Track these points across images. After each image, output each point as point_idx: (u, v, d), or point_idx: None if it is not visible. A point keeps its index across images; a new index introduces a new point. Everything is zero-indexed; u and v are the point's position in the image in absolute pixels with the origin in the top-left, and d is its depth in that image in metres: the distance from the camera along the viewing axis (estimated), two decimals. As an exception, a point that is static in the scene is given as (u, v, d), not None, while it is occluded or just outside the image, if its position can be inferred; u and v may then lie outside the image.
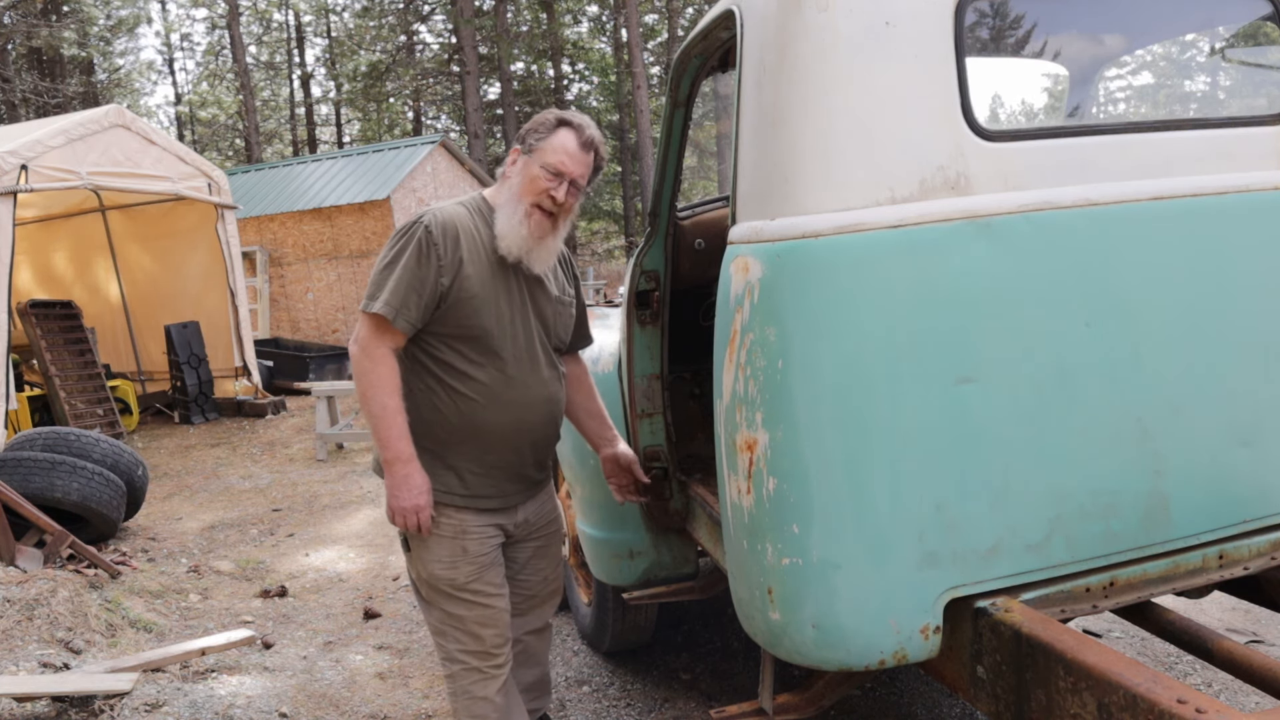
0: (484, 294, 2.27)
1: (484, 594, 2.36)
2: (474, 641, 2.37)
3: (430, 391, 2.30)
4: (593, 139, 2.32)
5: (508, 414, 2.32)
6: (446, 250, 2.22)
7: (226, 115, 31.06)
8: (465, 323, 2.26)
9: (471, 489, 2.35)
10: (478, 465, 2.35)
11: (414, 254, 2.21)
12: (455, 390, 2.29)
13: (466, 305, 2.25)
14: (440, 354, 2.29)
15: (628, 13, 22.22)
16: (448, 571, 2.33)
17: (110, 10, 26.32)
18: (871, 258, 1.78)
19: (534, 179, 2.27)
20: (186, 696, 3.35)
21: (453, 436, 2.32)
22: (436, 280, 2.21)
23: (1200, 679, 3.21)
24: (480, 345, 2.29)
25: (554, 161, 2.27)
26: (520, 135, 2.37)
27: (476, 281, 2.26)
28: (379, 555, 5.27)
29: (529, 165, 2.29)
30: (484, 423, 2.31)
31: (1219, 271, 1.96)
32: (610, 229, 29.94)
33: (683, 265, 3.11)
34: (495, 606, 2.38)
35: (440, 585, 2.35)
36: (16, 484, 4.75)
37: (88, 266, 10.72)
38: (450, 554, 2.33)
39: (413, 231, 2.24)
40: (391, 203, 12.69)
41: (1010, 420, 1.83)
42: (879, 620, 1.81)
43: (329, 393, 8.09)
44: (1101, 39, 2.72)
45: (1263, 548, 2.04)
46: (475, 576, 2.34)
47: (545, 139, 2.29)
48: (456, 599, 2.35)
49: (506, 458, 2.37)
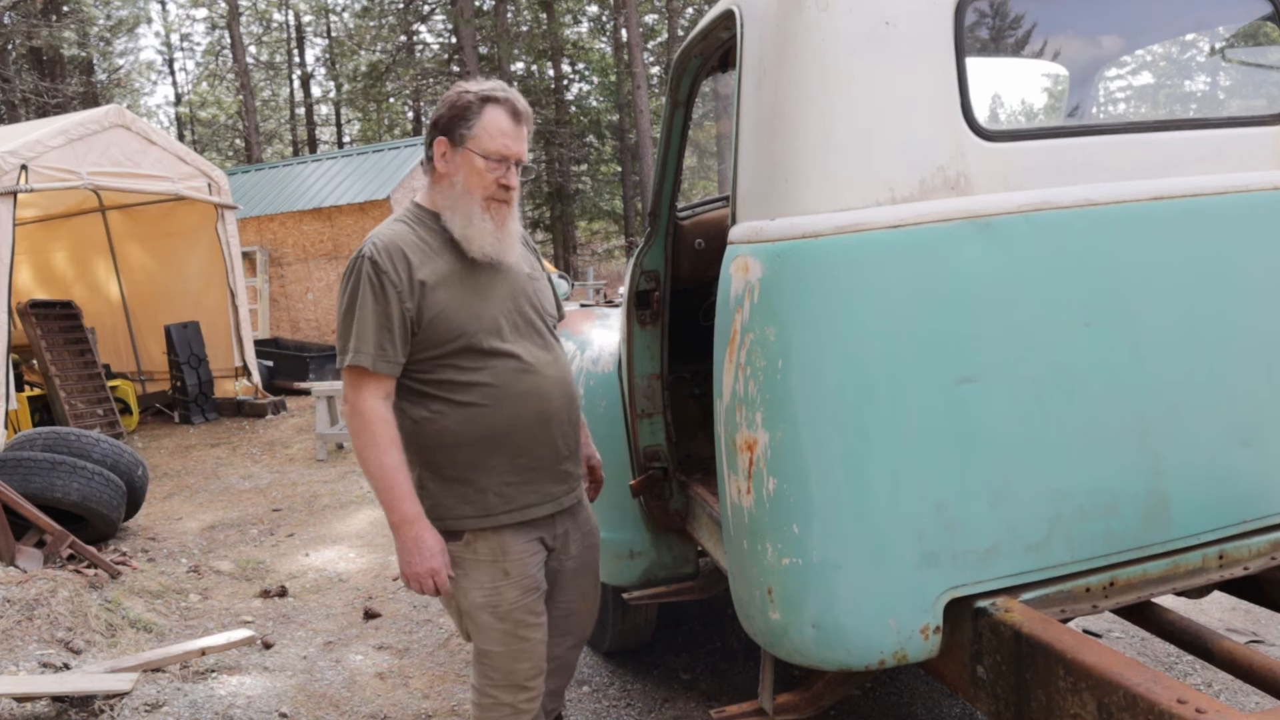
0: (454, 301, 2.11)
1: (525, 624, 2.19)
2: (508, 676, 2.21)
3: (439, 415, 2.13)
4: (523, 110, 2.14)
5: (525, 406, 2.16)
6: (399, 275, 2.06)
7: (226, 115, 31.07)
8: (446, 337, 2.10)
9: (513, 501, 2.18)
10: (512, 474, 2.18)
11: (368, 291, 2.06)
12: (463, 404, 2.12)
13: (441, 321, 2.09)
14: (434, 374, 2.13)
15: (628, 13, 22.22)
16: (489, 598, 2.17)
17: (110, 10, 26.30)
18: (871, 258, 1.78)
19: (478, 173, 2.10)
20: (186, 696, 3.35)
21: (477, 454, 2.14)
22: (401, 309, 2.06)
23: (1200, 679, 3.21)
24: (470, 352, 2.12)
25: (495, 148, 2.09)
26: (438, 123, 2.14)
27: (442, 292, 2.10)
28: (379, 555, 5.27)
29: (468, 158, 2.10)
30: (504, 424, 2.14)
31: (1219, 272, 1.96)
32: (610, 229, 29.92)
33: (683, 265, 3.11)
34: (532, 639, 2.22)
35: (480, 614, 2.18)
36: (16, 484, 4.75)
37: (88, 266, 10.72)
38: (491, 579, 2.17)
39: (358, 269, 2.08)
40: (391, 203, 12.68)
41: (1010, 420, 1.83)
42: (879, 620, 1.81)
43: (329, 393, 8.08)
44: (1101, 39, 2.72)
45: (1263, 548, 2.04)
46: (518, 602, 2.18)
47: (475, 124, 2.09)
48: (496, 631, 2.18)
49: (539, 454, 2.21)
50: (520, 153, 2.13)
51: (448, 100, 2.15)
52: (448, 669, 3.67)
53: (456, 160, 2.13)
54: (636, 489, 2.99)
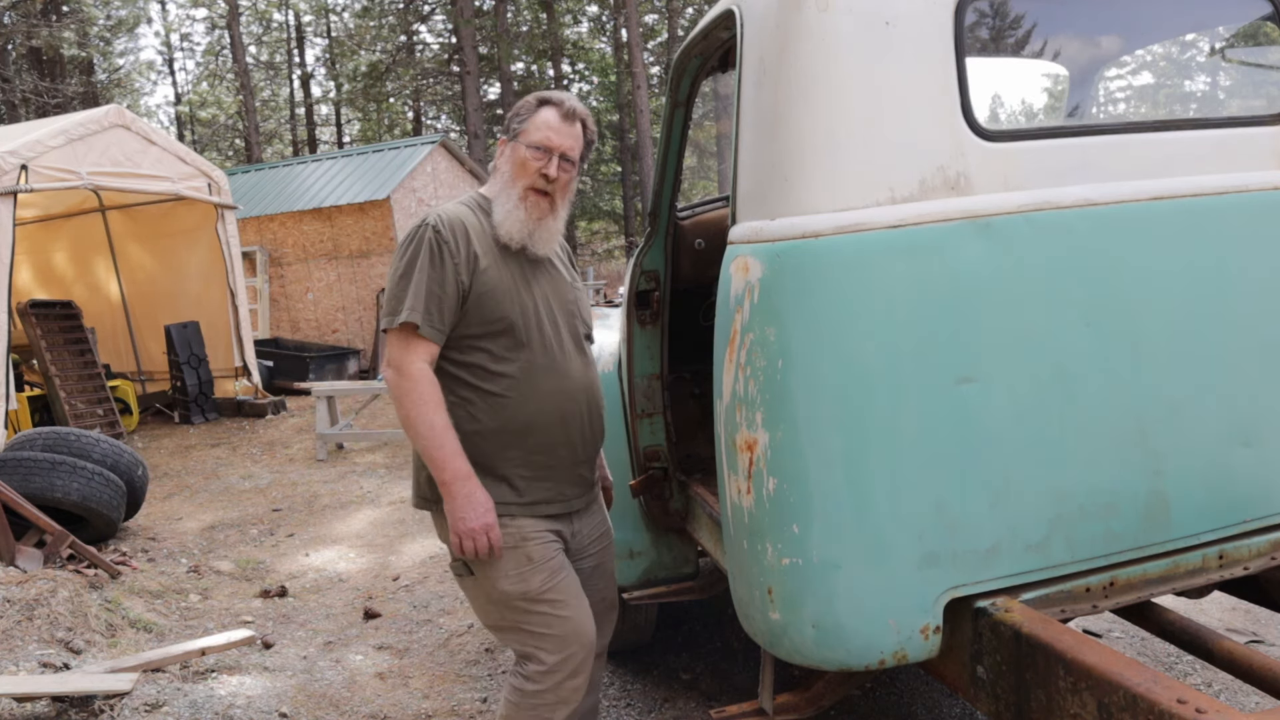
0: (503, 284, 2.17)
1: (561, 603, 2.18)
2: (561, 662, 2.17)
3: (465, 402, 2.17)
4: (575, 109, 2.24)
5: (549, 404, 2.20)
6: (459, 247, 2.14)
7: (226, 115, 31.05)
8: (489, 317, 2.16)
9: (526, 495, 2.20)
10: (528, 469, 2.21)
11: (427, 257, 2.12)
12: (489, 393, 2.17)
13: (488, 299, 2.15)
14: (467, 357, 2.17)
15: (628, 13, 22.22)
16: (518, 585, 2.16)
17: (110, 10, 26.29)
18: (871, 258, 1.78)
19: (523, 161, 2.20)
20: (186, 696, 3.34)
21: (496, 444, 2.18)
22: (456, 279, 2.12)
23: (1200, 679, 3.21)
24: (506, 339, 2.17)
25: (539, 139, 2.19)
26: (505, 124, 2.31)
27: (493, 273, 2.17)
28: (379, 555, 5.27)
29: (516, 149, 2.23)
30: (525, 419, 2.18)
31: (1219, 271, 1.96)
32: (610, 229, 29.94)
33: (683, 265, 3.11)
34: (574, 617, 2.19)
35: (513, 602, 2.17)
36: (16, 484, 4.75)
37: (88, 266, 10.73)
38: (515, 565, 2.17)
39: (420, 235, 2.15)
40: (391, 203, 12.67)
41: (1010, 420, 1.83)
42: (879, 620, 1.81)
43: (329, 393, 8.09)
44: (1101, 39, 2.72)
45: (1263, 548, 2.04)
46: (548, 584, 2.17)
47: (527, 120, 2.23)
48: (533, 614, 2.17)
49: (557, 455, 2.24)
50: (564, 146, 2.22)
51: (518, 103, 2.31)
52: (448, 669, 3.67)
53: (508, 153, 2.26)
54: (636, 489, 2.99)
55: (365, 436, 8.22)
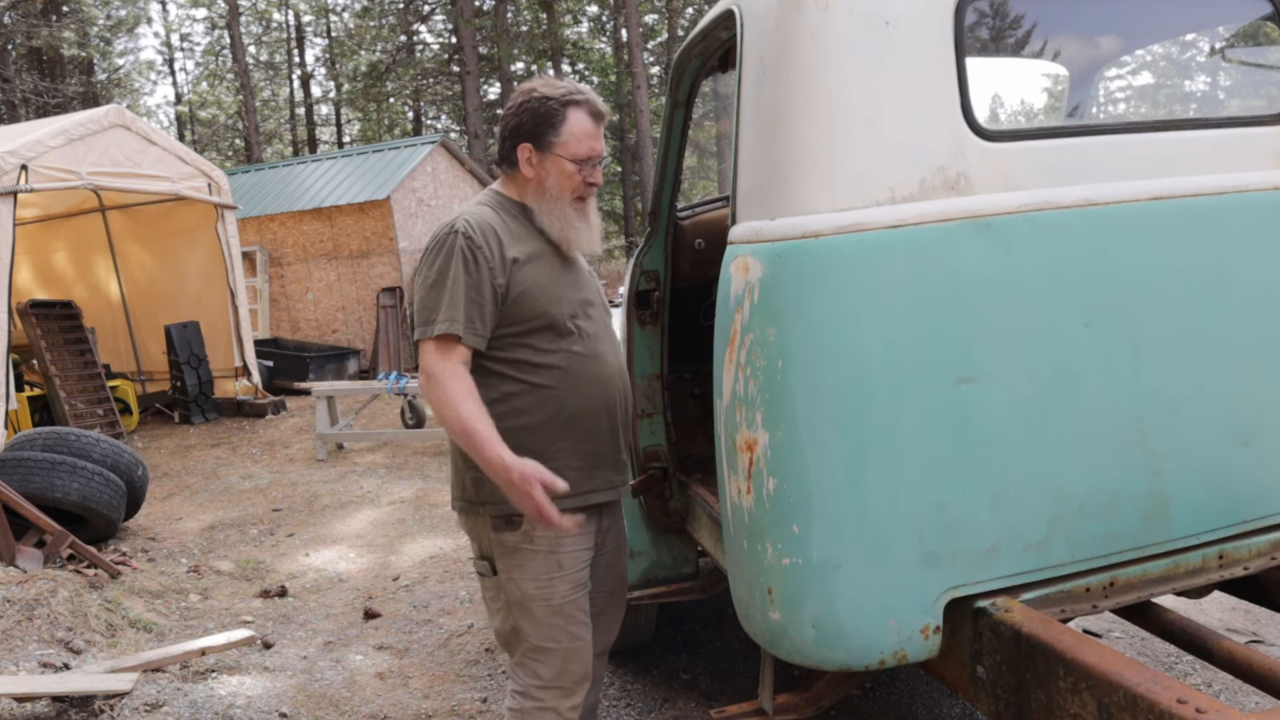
0: (540, 280, 2.15)
1: (576, 620, 2.20)
2: (560, 676, 2.20)
3: (511, 397, 2.15)
4: (602, 109, 2.22)
5: (594, 390, 2.20)
6: (492, 250, 2.10)
7: (226, 115, 31.05)
8: (529, 314, 2.14)
9: (577, 486, 2.15)
10: (577, 459, 2.19)
11: (460, 264, 2.07)
12: (535, 385, 2.15)
13: (526, 298, 2.13)
14: (510, 354, 2.15)
15: (628, 13, 22.22)
16: (543, 589, 2.16)
17: (110, 10, 26.30)
18: (871, 258, 1.78)
19: (569, 175, 2.17)
20: (186, 696, 3.35)
21: (545, 436, 2.16)
22: (493, 283, 2.08)
23: (1200, 679, 3.21)
24: (548, 333, 2.16)
25: (583, 152, 2.16)
26: (521, 129, 2.18)
27: (529, 270, 2.14)
28: (379, 555, 5.27)
29: (558, 163, 2.17)
30: (574, 408, 2.17)
31: (1219, 271, 1.96)
32: (610, 229, 29.91)
33: (683, 265, 3.11)
34: (584, 638, 2.23)
35: (531, 607, 2.17)
36: (16, 484, 4.75)
37: (88, 266, 10.73)
38: (545, 570, 2.16)
39: (451, 242, 2.09)
40: (391, 203, 12.67)
41: (1010, 420, 1.83)
42: (879, 620, 1.80)
43: (329, 393, 8.09)
44: (1101, 39, 2.72)
45: (1263, 548, 2.04)
46: (570, 597, 2.18)
47: (562, 129, 2.15)
48: (549, 626, 2.18)
49: (602, 441, 2.23)
50: (603, 149, 2.23)
51: (527, 108, 2.17)
52: (448, 669, 3.67)
53: (546, 165, 2.18)
54: (636, 489, 3.00)
55: (365, 436, 8.23)
